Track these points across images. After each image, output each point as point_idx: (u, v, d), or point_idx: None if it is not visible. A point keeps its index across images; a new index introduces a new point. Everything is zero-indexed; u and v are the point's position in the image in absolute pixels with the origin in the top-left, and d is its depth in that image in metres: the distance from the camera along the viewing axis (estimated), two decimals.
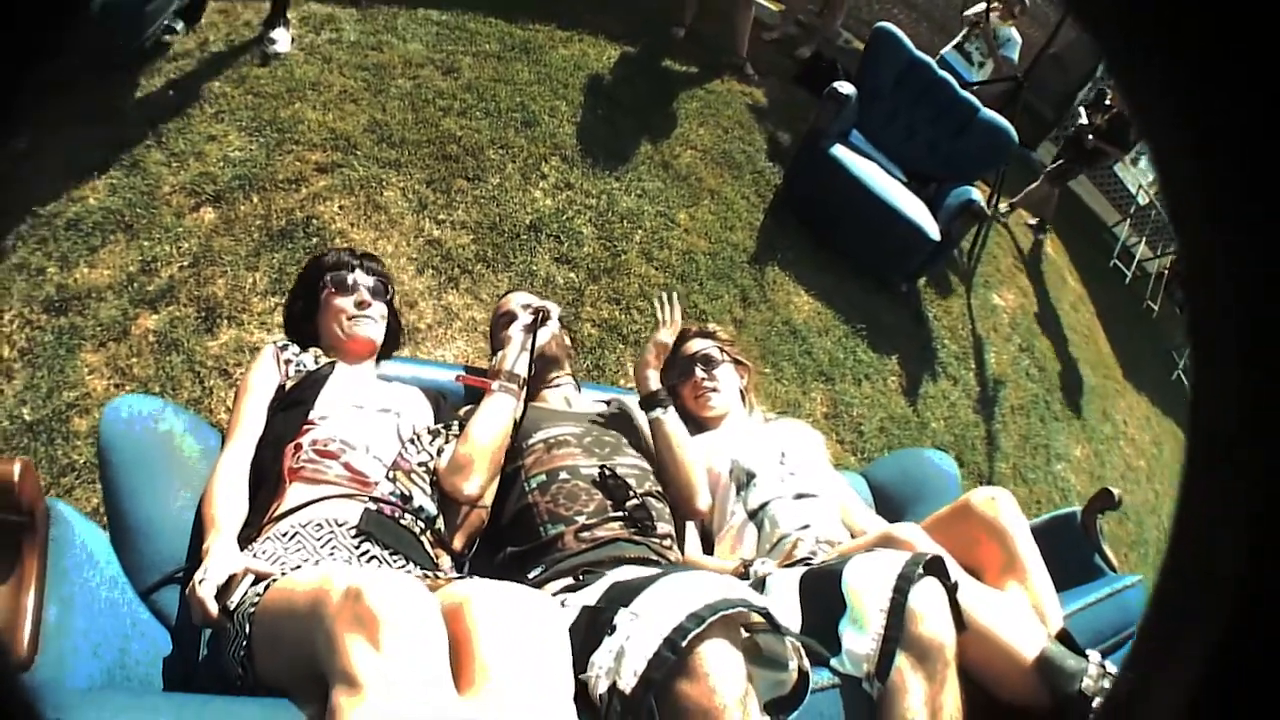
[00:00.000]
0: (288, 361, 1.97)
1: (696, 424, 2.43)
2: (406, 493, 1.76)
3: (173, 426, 1.79)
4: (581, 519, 1.85)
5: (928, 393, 4.31)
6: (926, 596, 1.58)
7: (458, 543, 1.89)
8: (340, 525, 1.62)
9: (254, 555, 1.55)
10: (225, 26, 4.20)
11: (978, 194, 4.58)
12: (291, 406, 1.83)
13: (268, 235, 3.29)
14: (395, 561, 1.63)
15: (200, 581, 1.41)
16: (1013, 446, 4.42)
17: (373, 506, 1.68)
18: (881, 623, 1.56)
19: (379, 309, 2.11)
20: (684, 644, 1.22)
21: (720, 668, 1.24)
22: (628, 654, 1.26)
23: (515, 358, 2.03)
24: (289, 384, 1.91)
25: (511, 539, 1.91)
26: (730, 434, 2.39)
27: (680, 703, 1.22)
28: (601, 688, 1.27)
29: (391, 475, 1.76)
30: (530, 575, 1.81)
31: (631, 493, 1.91)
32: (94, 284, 2.97)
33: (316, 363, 2.00)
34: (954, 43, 5.75)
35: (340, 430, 1.78)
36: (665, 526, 1.95)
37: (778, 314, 4.10)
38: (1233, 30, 0.29)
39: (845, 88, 4.58)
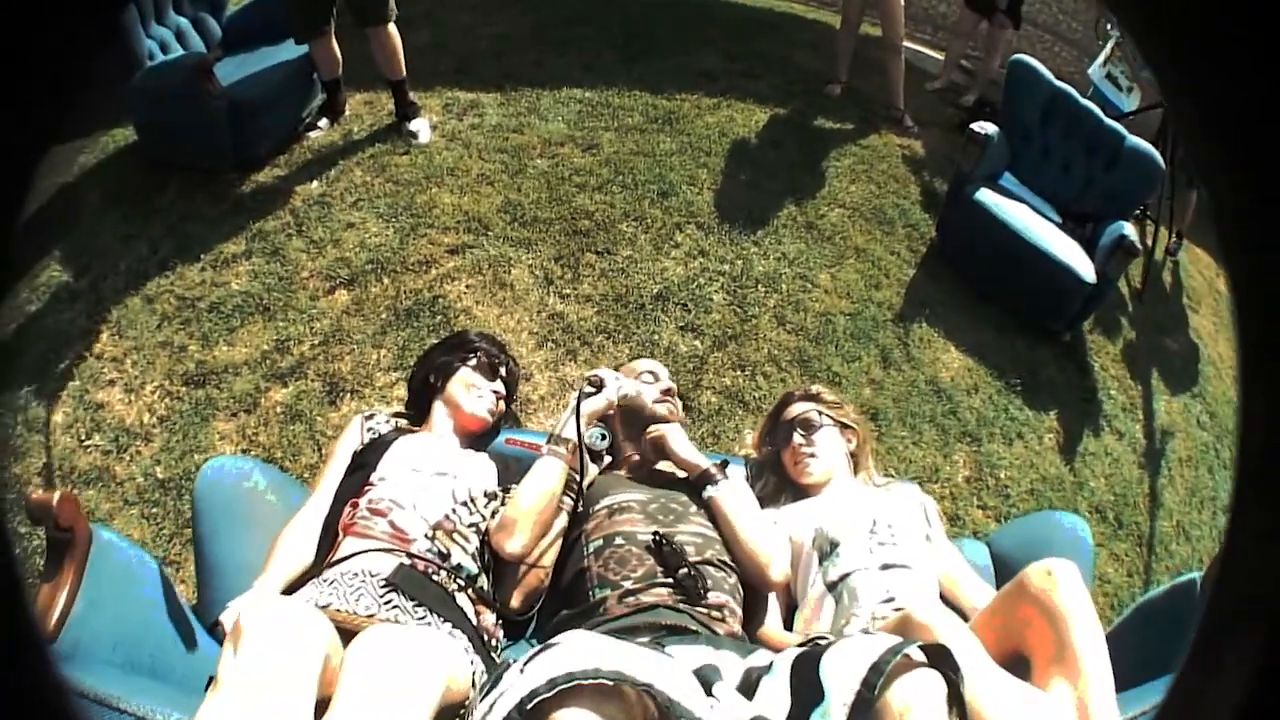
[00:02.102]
0: (369, 430, 2.29)
1: (796, 491, 2.50)
2: (445, 551, 2.01)
3: (258, 483, 2.22)
4: (628, 584, 1.98)
5: (1088, 449, 4.15)
6: (914, 690, 1.47)
7: (515, 602, 2.13)
8: (373, 576, 1.87)
9: (292, 595, 1.82)
10: (370, 117, 4.79)
11: (1130, 229, 4.41)
12: (358, 469, 2.16)
13: (395, 315, 3.69)
14: (418, 613, 1.86)
15: (227, 608, 1.69)
16: (1178, 502, 4.19)
17: (407, 561, 1.93)
18: (843, 718, 1.47)
19: (500, 406, 2.47)
20: (529, 708, 1.28)
21: None
22: (494, 711, 1.34)
23: (564, 423, 2.22)
24: (361, 447, 2.21)
25: (566, 601, 2.08)
26: (827, 502, 2.43)
27: None
28: None
29: (431, 534, 2.01)
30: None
31: (685, 560, 2.00)
32: (231, 360, 3.49)
33: (389, 425, 2.31)
34: (1099, 63, 5.56)
35: (393, 491, 2.06)
36: (720, 597, 2.02)
37: (921, 373, 4.10)
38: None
39: (986, 128, 4.57)
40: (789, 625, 2.25)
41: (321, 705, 1.38)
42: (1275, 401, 0.36)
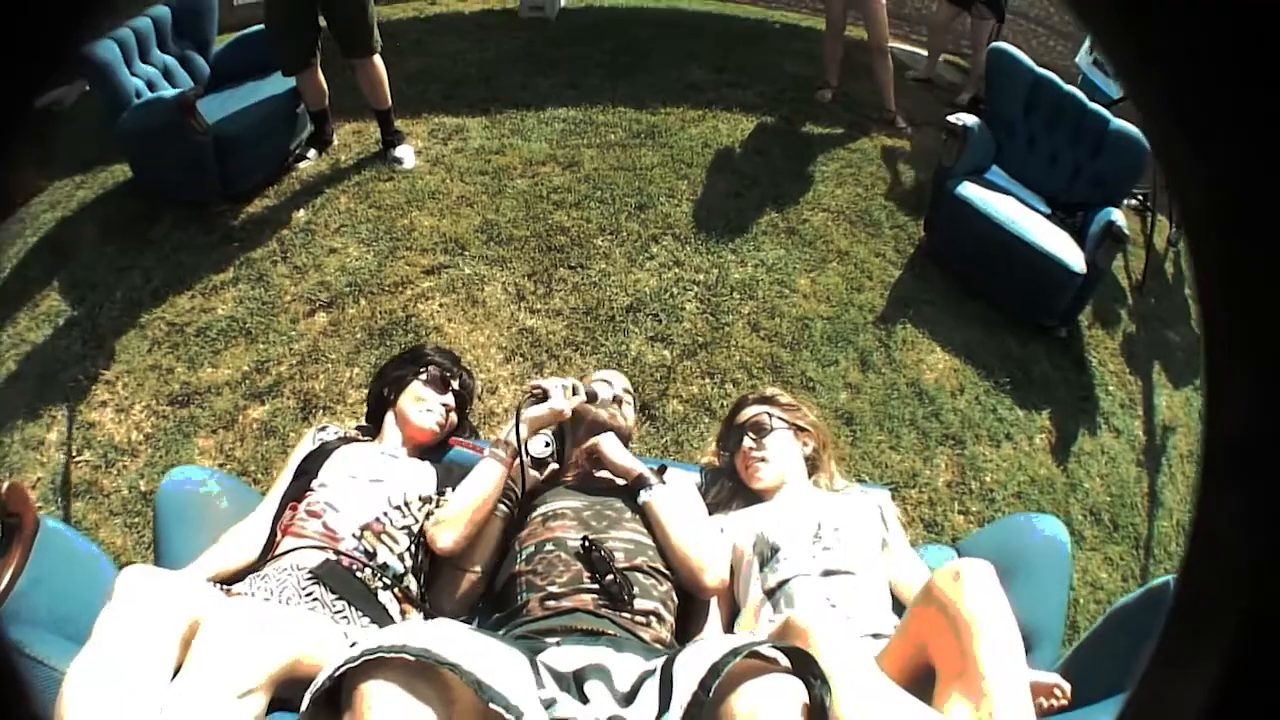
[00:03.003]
0: (318, 441, 2.55)
1: (749, 496, 2.55)
2: (371, 550, 2.22)
3: (212, 490, 2.52)
4: (553, 588, 2.06)
5: (1083, 449, 4.17)
6: (763, 695, 1.43)
7: (449, 605, 2.30)
8: (299, 570, 2.10)
9: (230, 586, 2.06)
10: (357, 146, 5.12)
11: (1119, 215, 4.40)
12: (301, 475, 2.40)
13: (369, 334, 3.96)
14: (336, 606, 2.08)
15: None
16: (1178, 501, 4.14)
17: (334, 558, 2.15)
18: None
19: (452, 417, 2.66)
20: (337, 675, 1.40)
21: (379, 707, 1.36)
22: (316, 680, 1.46)
23: (509, 431, 2.38)
24: (306, 456, 2.46)
25: (497, 606, 2.23)
26: (774, 507, 2.45)
27: None
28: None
29: (359, 534, 2.22)
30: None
31: (612, 566, 2.08)
32: (214, 381, 3.80)
33: (336, 436, 2.55)
34: (1085, 49, 5.63)
35: (329, 495, 2.29)
36: (648, 603, 2.09)
37: (902, 375, 4.19)
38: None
39: (965, 120, 4.65)
40: (730, 632, 2.27)
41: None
42: (1241, 390, 0.37)
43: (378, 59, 4.78)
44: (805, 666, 1.47)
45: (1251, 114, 0.33)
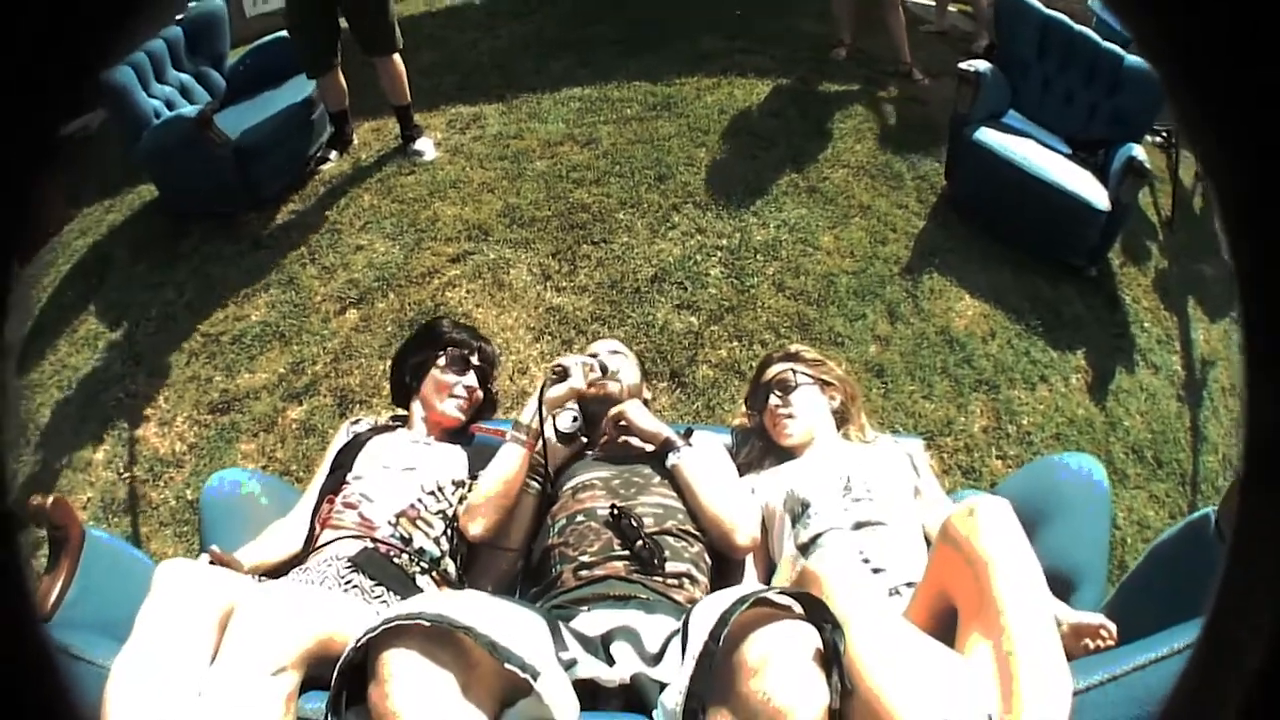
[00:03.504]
0: (351, 434, 2.66)
1: (780, 454, 2.56)
2: (407, 536, 2.31)
3: (253, 490, 2.65)
4: (585, 558, 2.12)
5: (1120, 387, 4.17)
6: (775, 642, 1.44)
7: (489, 585, 2.38)
8: (339, 559, 2.20)
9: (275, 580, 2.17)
10: (377, 143, 5.25)
11: (1139, 150, 4.37)
12: (337, 469, 2.50)
13: (399, 326, 4.07)
14: (375, 591, 2.17)
15: None
16: (1222, 435, 4.14)
17: (371, 545, 2.25)
18: (689, 673, 1.47)
19: (476, 395, 2.71)
20: (361, 644, 1.44)
21: (402, 674, 1.40)
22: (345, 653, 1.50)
23: (531, 411, 2.43)
24: (340, 449, 2.58)
25: (534, 580, 2.31)
26: (803, 463, 2.47)
27: (368, 702, 1.42)
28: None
29: (395, 521, 2.32)
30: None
31: (641, 532, 2.12)
32: (252, 386, 3.94)
33: (368, 428, 2.66)
34: None
35: (364, 486, 2.39)
36: (680, 565, 2.14)
37: (931, 324, 4.22)
38: None
39: (977, 65, 4.67)
40: None
41: None
42: None
43: (397, 56, 4.90)
44: (818, 612, 1.48)
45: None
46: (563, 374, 2.43)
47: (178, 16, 4.92)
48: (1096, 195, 4.42)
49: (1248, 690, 0.37)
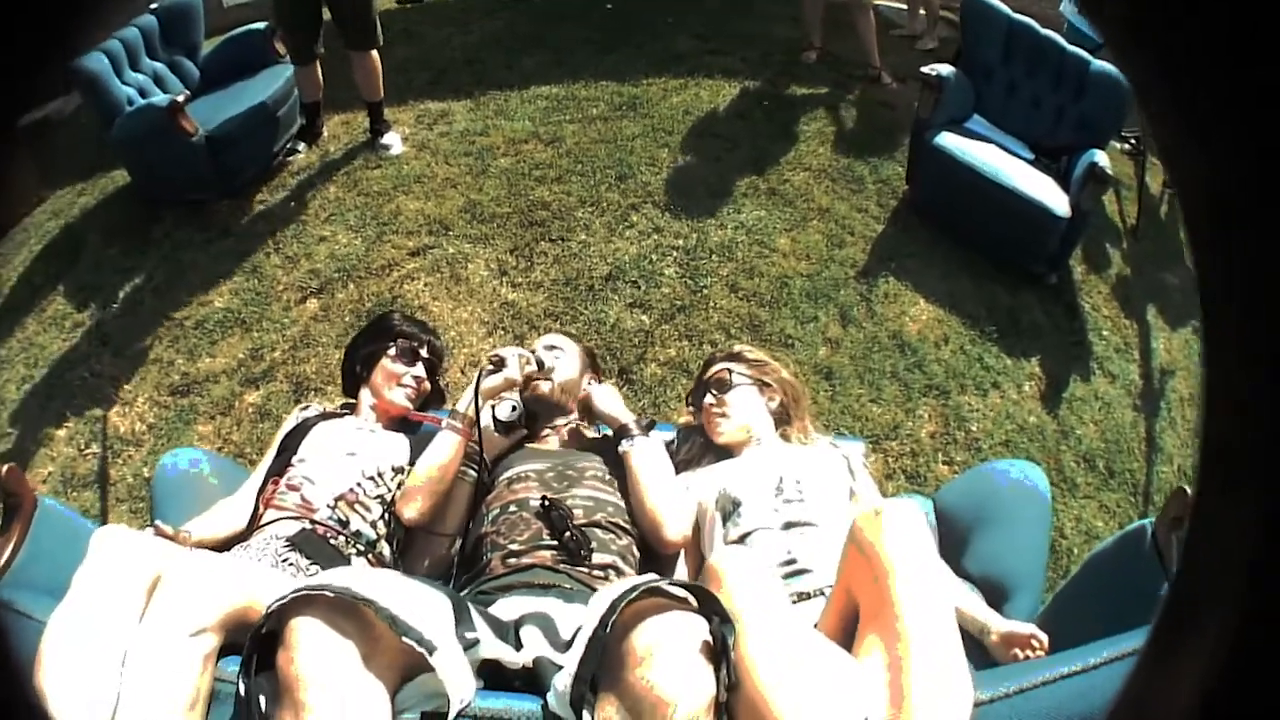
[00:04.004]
0: (300, 419, 2.80)
1: (718, 453, 2.61)
2: (345, 519, 2.45)
3: (204, 470, 2.82)
4: (514, 546, 2.20)
5: (1075, 395, 4.24)
6: (663, 632, 1.49)
7: (424, 569, 2.52)
8: (278, 538, 2.34)
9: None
10: (346, 136, 5.41)
11: (1101, 156, 4.43)
12: (283, 452, 2.64)
13: (357, 317, 4.21)
14: (310, 570, 2.30)
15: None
16: (1177, 446, 4.16)
17: (309, 527, 2.39)
18: (578, 656, 1.53)
19: (425, 386, 2.86)
20: (272, 612, 1.53)
21: (306, 640, 1.48)
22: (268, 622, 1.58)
23: (467, 400, 2.53)
24: (287, 433, 2.73)
25: (467, 566, 2.40)
26: (739, 462, 2.51)
27: (276, 668, 1.51)
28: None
29: (333, 504, 2.46)
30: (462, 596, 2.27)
31: (569, 524, 2.19)
32: (211, 370, 4.10)
33: (316, 413, 2.81)
34: None
35: (307, 470, 2.53)
36: (606, 558, 2.21)
37: (884, 328, 4.32)
38: None
39: (939, 70, 4.73)
40: None
41: None
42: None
43: (375, 52, 5.07)
44: (710, 606, 1.52)
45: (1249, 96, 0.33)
46: (499, 364, 2.51)
47: (152, 5, 5.08)
48: (1056, 201, 4.47)
49: (1190, 705, 0.39)
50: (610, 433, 2.56)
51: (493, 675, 1.76)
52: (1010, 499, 2.44)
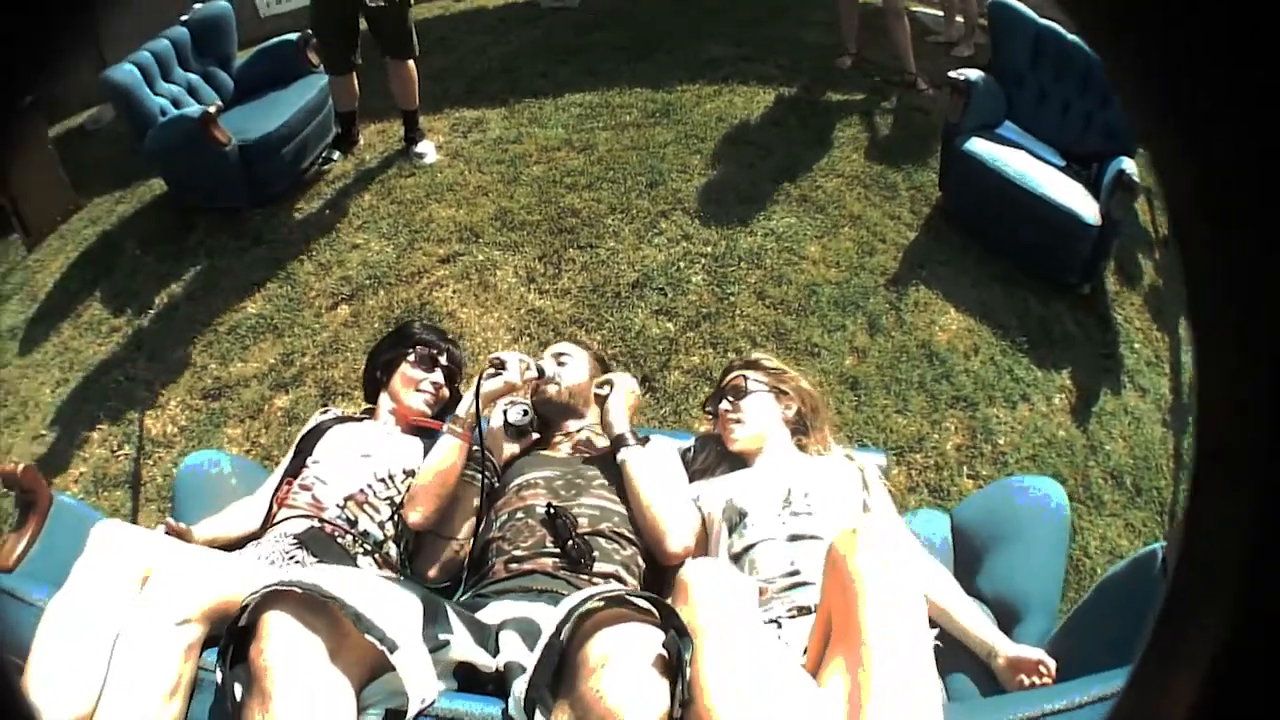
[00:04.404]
0: (319, 421, 2.87)
1: (733, 461, 2.59)
2: (353, 518, 2.51)
3: (224, 470, 2.93)
4: (517, 551, 2.24)
5: (1105, 409, 4.14)
6: (618, 642, 1.49)
7: (432, 571, 2.55)
8: (287, 536, 2.41)
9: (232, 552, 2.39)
10: (381, 144, 5.51)
11: (1130, 164, 4.33)
12: (299, 453, 2.72)
13: (386, 323, 4.28)
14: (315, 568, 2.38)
15: None
16: None
17: (318, 525, 2.45)
18: (534, 663, 1.57)
19: (443, 392, 2.91)
20: (247, 606, 1.61)
21: (275, 633, 1.55)
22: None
23: (467, 403, 2.57)
24: (304, 435, 2.80)
25: (474, 569, 2.43)
26: (749, 472, 2.49)
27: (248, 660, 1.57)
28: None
29: (342, 504, 2.52)
30: (462, 599, 2.24)
31: (573, 532, 2.21)
32: (243, 375, 4.20)
33: (333, 416, 2.88)
34: None
35: (320, 470, 2.60)
36: (609, 566, 2.23)
37: (912, 338, 4.28)
38: None
39: (968, 75, 4.70)
40: None
41: None
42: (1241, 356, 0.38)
43: (412, 62, 5.16)
44: (670, 619, 1.52)
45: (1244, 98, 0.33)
46: (499, 367, 2.53)
47: (182, 18, 5.21)
48: (1087, 209, 4.39)
49: (1189, 708, 0.39)
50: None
51: (467, 678, 1.80)
52: (1026, 517, 2.38)
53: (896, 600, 1.51)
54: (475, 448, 2.51)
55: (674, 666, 1.44)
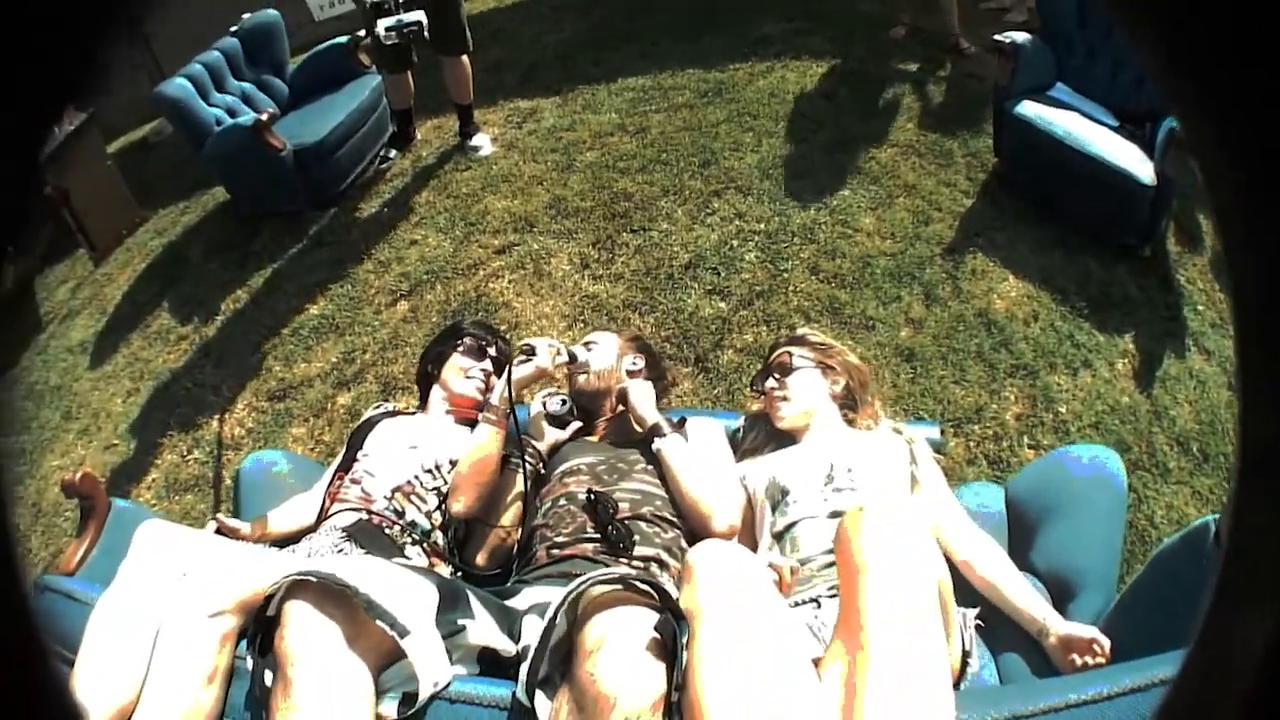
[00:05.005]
0: (370, 416, 2.98)
1: (781, 439, 2.58)
2: (401, 509, 2.59)
3: (283, 468, 3.06)
4: (559, 538, 2.27)
5: (1169, 373, 4.02)
6: (612, 627, 1.51)
7: (481, 559, 2.61)
8: (336, 529, 2.50)
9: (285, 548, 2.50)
10: (437, 140, 5.64)
11: None
12: (351, 448, 2.82)
13: (444, 316, 4.39)
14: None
15: None
16: None
17: (366, 517, 2.54)
18: (534, 646, 1.60)
19: (493, 381, 2.97)
20: (275, 597, 1.70)
21: (295, 621, 1.63)
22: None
23: (500, 389, 2.63)
24: (355, 431, 2.91)
25: (522, 556, 2.49)
26: (794, 449, 2.49)
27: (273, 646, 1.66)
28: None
29: (390, 495, 2.60)
30: (508, 585, 2.28)
31: (613, 516, 2.25)
32: (306, 375, 4.34)
33: (383, 411, 2.99)
34: None
35: (370, 464, 2.69)
36: (650, 550, 2.24)
37: (969, 306, 4.22)
38: None
39: (1014, 38, 4.63)
40: None
41: None
42: None
43: (465, 57, 5.27)
44: (667, 604, 1.52)
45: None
46: (530, 353, 2.58)
47: (232, 29, 5.40)
48: (1142, 169, 4.28)
49: (1236, 713, 0.37)
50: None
51: (490, 663, 1.87)
52: (1081, 488, 2.31)
53: (897, 583, 1.48)
54: (517, 435, 2.57)
55: (670, 650, 1.46)
